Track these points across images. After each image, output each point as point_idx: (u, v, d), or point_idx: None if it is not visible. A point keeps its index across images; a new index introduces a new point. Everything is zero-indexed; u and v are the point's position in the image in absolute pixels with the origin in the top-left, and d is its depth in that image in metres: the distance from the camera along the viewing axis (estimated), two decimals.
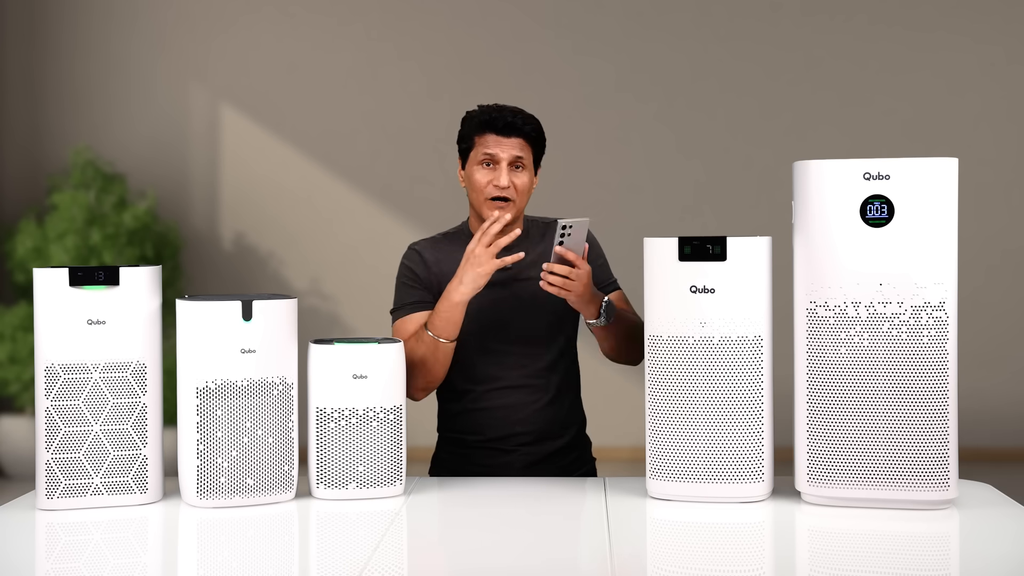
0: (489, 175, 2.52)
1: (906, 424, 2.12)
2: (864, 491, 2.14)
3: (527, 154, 2.54)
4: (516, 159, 2.52)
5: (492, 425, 2.58)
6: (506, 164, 2.51)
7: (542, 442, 2.59)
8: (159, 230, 5.87)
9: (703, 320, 2.18)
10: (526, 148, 2.54)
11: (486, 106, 2.58)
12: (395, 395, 2.26)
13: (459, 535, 2.11)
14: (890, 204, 2.13)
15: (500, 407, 2.58)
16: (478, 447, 2.60)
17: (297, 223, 6.17)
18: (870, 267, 2.13)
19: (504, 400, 2.58)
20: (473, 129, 2.56)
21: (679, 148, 6.06)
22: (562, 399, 2.61)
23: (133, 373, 2.22)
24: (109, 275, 2.21)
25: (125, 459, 2.22)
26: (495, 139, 2.52)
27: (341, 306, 6.17)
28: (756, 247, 2.20)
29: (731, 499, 2.19)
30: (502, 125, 2.52)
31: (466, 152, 2.58)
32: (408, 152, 6.11)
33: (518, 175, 2.53)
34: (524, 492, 2.35)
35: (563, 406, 2.62)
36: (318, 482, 2.26)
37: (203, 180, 6.20)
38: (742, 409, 2.18)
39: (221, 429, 2.19)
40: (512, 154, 2.52)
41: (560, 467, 2.61)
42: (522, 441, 2.58)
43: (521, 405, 2.58)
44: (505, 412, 2.58)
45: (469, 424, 2.59)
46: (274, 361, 2.22)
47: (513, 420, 2.58)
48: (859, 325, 2.14)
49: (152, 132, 6.17)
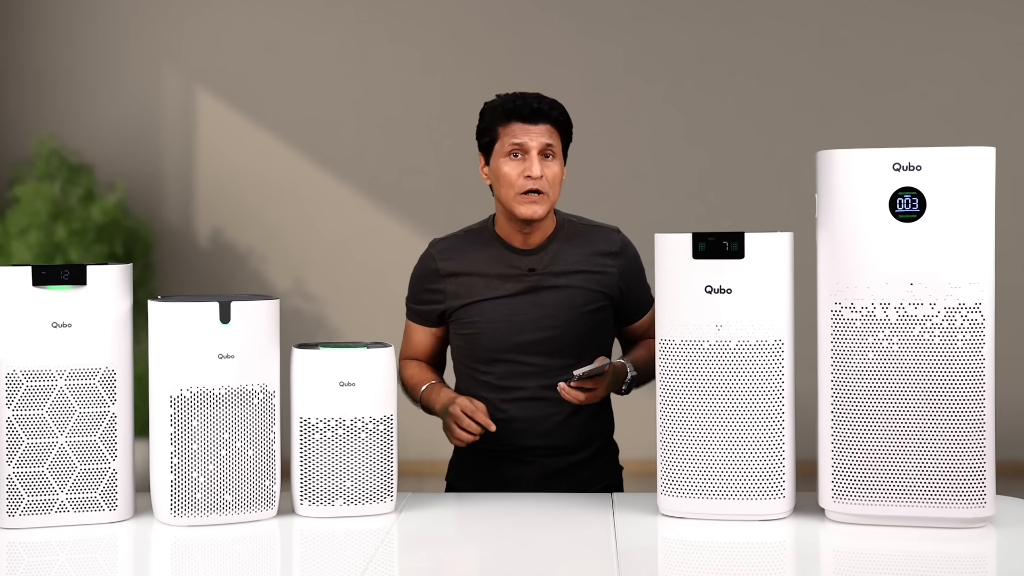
0: (519, 166, 2.53)
1: (939, 435, 2.12)
2: (894, 508, 2.14)
3: (556, 142, 2.56)
4: (546, 147, 2.54)
5: (510, 436, 2.59)
6: (536, 153, 2.53)
7: (561, 455, 2.60)
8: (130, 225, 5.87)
9: (719, 323, 2.18)
10: (555, 135, 2.55)
11: (507, 95, 2.59)
12: (385, 404, 2.26)
13: (454, 556, 2.11)
14: (921, 197, 2.12)
15: (519, 418, 2.59)
16: (495, 456, 2.61)
17: (279, 217, 6.17)
18: (900, 265, 2.13)
19: (524, 411, 2.59)
20: (497, 119, 2.56)
21: (691, 137, 6.06)
22: (585, 410, 2.62)
23: (102, 380, 2.22)
24: (75, 274, 2.21)
25: (93, 473, 2.22)
26: (522, 127, 2.53)
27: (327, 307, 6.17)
28: (776, 244, 2.19)
29: (749, 517, 2.19)
30: (528, 112, 2.53)
31: (489, 145, 2.58)
32: (399, 140, 6.12)
33: (549, 165, 2.54)
34: (526, 509, 2.35)
35: (587, 417, 2.63)
36: (302, 498, 2.25)
37: (177, 171, 6.19)
38: (761, 419, 2.17)
39: (197, 441, 2.19)
40: (542, 142, 2.53)
41: (580, 480, 2.61)
42: (540, 453, 2.60)
43: (541, 417, 2.59)
44: (524, 424, 2.59)
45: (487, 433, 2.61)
46: (254, 367, 2.22)
47: (532, 432, 2.59)
48: (888, 328, 2.14)
49: (122, 119, 6.17)
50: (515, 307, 2.56)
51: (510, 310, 2.56)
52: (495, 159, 2.56)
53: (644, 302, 2.69)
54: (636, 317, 2.69)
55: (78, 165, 5.83)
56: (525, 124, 2.53)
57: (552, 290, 2.57)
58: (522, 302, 2.57)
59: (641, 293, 2.68)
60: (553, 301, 2.57)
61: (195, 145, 6.20)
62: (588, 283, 2.60)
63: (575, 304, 2.57)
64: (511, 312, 2.56)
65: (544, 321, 2.57)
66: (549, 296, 2.57)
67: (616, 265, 2.63)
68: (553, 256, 2.59)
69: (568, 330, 2.56)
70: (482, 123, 2.60)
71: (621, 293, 2.63)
